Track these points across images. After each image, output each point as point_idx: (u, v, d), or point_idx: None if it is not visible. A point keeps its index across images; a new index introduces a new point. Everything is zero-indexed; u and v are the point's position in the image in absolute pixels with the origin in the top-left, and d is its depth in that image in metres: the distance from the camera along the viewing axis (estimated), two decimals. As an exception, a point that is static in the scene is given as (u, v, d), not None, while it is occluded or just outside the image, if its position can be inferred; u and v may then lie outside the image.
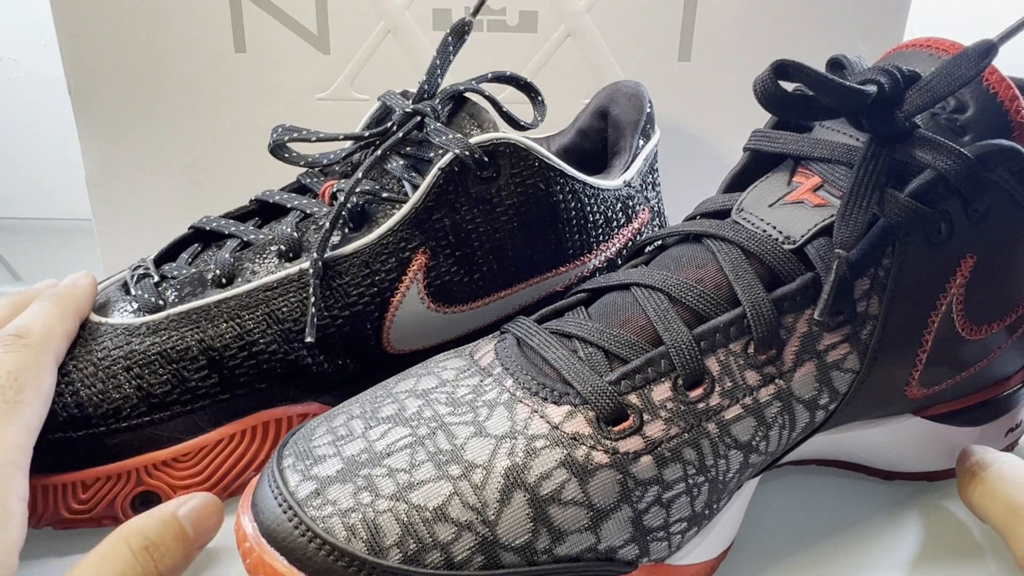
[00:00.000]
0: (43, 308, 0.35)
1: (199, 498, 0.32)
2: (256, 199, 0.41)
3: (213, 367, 0.36)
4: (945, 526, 0.37)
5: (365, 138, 0.39)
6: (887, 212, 0.30)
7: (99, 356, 0.35)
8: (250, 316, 0.36)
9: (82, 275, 0.38)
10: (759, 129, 0.34)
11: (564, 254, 0.40)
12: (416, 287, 0.38)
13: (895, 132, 0.30)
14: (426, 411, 0.30)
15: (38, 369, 0.32)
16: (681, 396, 0.30)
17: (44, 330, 0.34)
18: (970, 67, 0.28)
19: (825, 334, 0.31)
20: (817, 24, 0.50)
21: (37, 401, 0.32)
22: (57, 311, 0.35)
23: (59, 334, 0.34)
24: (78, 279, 0.37)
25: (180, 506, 0.31)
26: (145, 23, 0.50)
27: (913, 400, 0.35)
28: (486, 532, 0.27)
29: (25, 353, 0.32)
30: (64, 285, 0.37)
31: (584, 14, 0.50)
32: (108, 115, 0.52)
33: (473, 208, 0.38)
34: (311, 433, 0.31)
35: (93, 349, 0.35)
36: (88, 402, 0.34)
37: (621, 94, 0.45)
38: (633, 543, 0.29)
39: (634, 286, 0.32)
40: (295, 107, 0.52)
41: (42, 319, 0.34)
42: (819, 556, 0.35)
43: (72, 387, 0.34)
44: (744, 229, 0.32)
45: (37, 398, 0.32)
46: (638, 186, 0.42)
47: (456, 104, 0.40)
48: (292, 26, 0.50)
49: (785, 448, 0.32)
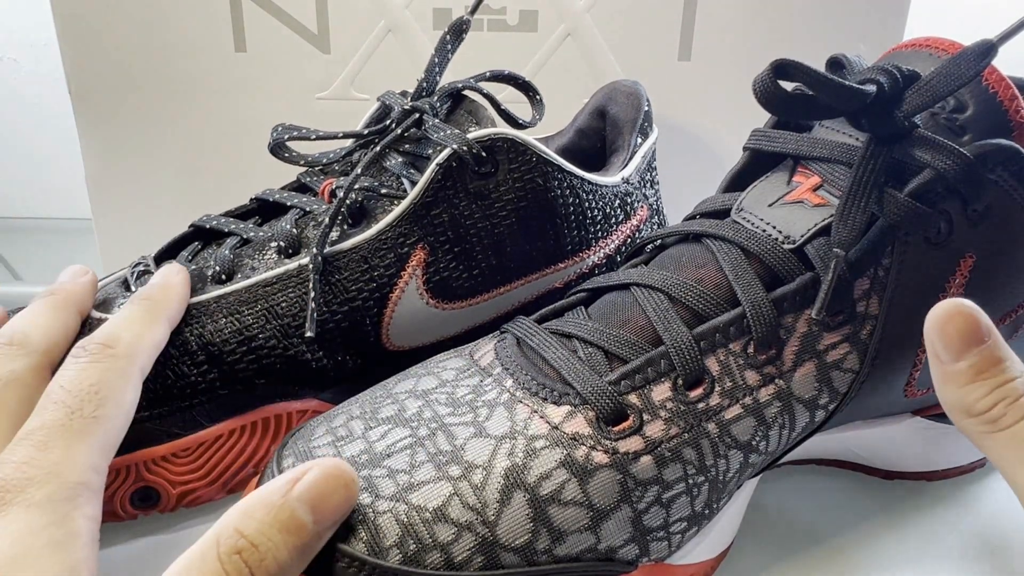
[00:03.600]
0: (134, 314, 0.33)
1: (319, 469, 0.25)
2: (256, 198, 0.41)
3: (212, 362, 0.36)
4: (945, 526, 0.37)
5: (364, 136, 0.39)
6: (886, 212, 0.30)
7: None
8: (249, 311, 0.36)
9: (174, 272, 0.35)
10: (759, 128, 0.34)
11: (563, 250, 0.40)
12: (415, 283, 0.38)
13: (894, 132, 0.30)
14: (426, 412, 0.30)
15: (122, 382, 0.30)
16: (681, 396, 0.30)
17: (133, 339, 0.32)
18: (970, 67, 0.28)
19: (825, 334, 0.31)
20: (817, 24, 0.50)
21: (117, 417, 0.30)
22: (148, 318, 0.33)
23: (148, 344, 0.32)
24: (170, 277, 0.35)
25: (293, 484, 0.25)
26: (145, 23, 0.50)
27: (913, 400, 0.34)
28: (486, 532, 0.27)
29: (110, 364, 0.30)
30: (156, 287, 0.34)
31: (584, 14, 0.50)
32: (108, 115, 0.52)
33: (471, 204, 0.38)
34: (310, 434, 0.31)
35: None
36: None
37: (619, 93, 0.45)
38: (633, 543, 0.29)
39: (634, 286, 0.32)
40: (295, 107, 0.52)
41: (132, 327, 0.32)
42: (819, 556, 0.35)
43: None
44: (744, 229, 0.32)
45: (117, 414, 0.30)
46: (636, 183, 0.42)
47: (455, 102, 0.40)
48: (292, 25, 0.50)
49: (785, 448, 0.32)
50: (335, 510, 0.25)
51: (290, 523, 0.24)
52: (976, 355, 0.26)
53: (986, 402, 0.26)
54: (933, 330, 0.26)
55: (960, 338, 0.26)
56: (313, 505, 0.25)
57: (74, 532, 0.27)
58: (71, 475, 0.27)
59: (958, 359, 0.26)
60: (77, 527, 0.27)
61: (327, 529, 0.25)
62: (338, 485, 0.25)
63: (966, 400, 0.26)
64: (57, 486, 0.27)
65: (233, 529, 0.24)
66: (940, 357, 0.26)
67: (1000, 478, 0.39)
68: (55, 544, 0.26)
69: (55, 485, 0.27)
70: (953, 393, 0.26)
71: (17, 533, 0.26)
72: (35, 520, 0.26)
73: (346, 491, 0.25)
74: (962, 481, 0.39)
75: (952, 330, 0.26)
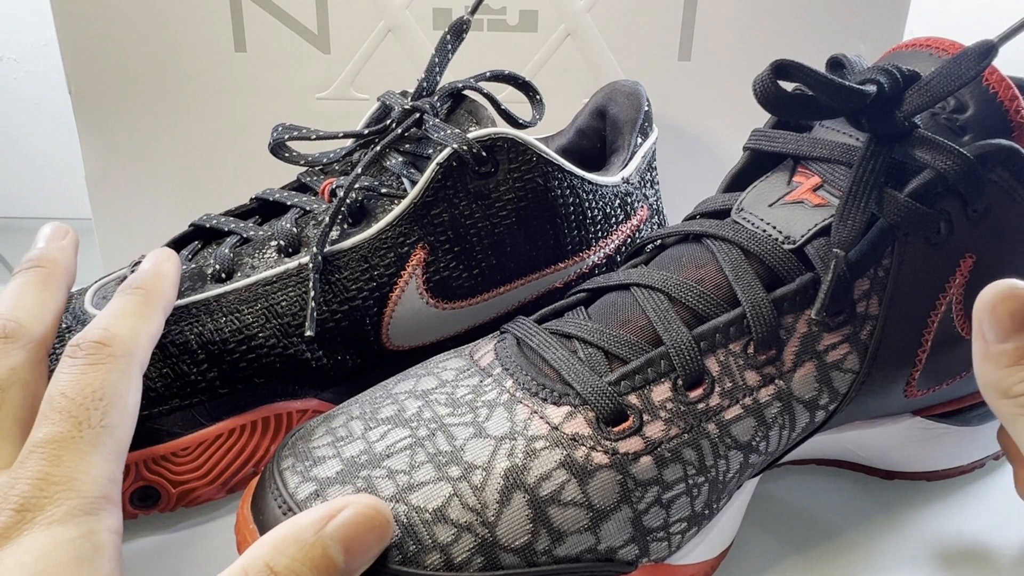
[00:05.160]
0: (127, 307, 0.31)
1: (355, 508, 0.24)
2: (256, 197, 0.41)
3: (212, 361, 0.36)
4: (945, 526, 0.37)
5: (364, 136, 0.39)
6: (886, 212, 0.30)
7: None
8: (249, 310, 0.36)
9: (164, 257, 0.33)
10: (759, 129, 0.34)
11: (563, 250, 0.40)
12: (415, 282, 0.38)
13: (894, 132, 0.30)
14: (426, 412, 0.30)
15: (125, 384, 0.29)
16: (681, 396, 0.30)
17: (129, 334, 0.30)
18: (970, 67, 0.28)
19: (825, 334, 0.31)
20: (817, 24, 0.50)
21: (124, 422, 0.29)
22: (143, 310, 0.31)
23: (146, 338, 0.31)
24: (161, 264, 0.33)
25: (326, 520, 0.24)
26: (145, 23, 0.50)
27: (913, 400, 0.34)
28: (486, 533, 0.27)
29: (110, 366, 0.29)
30: (147, 275, 0.32)
31: (584, 14, 0.50)
32: (108, 115, 0.52)
33: (471, 203, 0.38)
34: (310, 434, 0.31)
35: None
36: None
37: (619, 93, 0.45)
38: (633, 543, 0.29)
39: (634, 286, 0.32)
40: (295, 107, 0.52)
41: (127, 321, 0.30)
42: (819, 556, 0.35)
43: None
44: (744, 229, 0.32)
45: (124, 418, 0.29)
46: (636, 183, 0.42)
47: (455, 102, 0.40)
48: (292, 26, 0.50)
49: (785, 448, 0.32)
50: (368, 550, 0.25)
51: (322, 562, 0.23)
52: (1022, 339, 0.26)
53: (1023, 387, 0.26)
54: (984, 308, 0.27)
55: (1011, 319, 0.26)
56: (347, 545, 0.24)
57: (99, 546, 0.26)
58: (90, 489, 0.27)
59: (1004, 340, 0.26)
60: (101, 541, 0.26)
61: (358, 569, 0.25)
62: (373, 525, 0.24)
63: (1005, 382, 0.26)
64: (78, 501, 0.26)
65: (264, 564, 0.23)
66: (986, 336, 0.27)
67: (1000, 478, 0.39)
68: (81, 559, 0.25)
69: (76, 500, 0.26)
70: (992, 373, 0.27)
71: (42, 550, 0.25)
72: (59, 536, 0.25)
73: (380, 532, 0.25)
74: (962, 481, 0.39)
75: (1004, 310, 0.26)
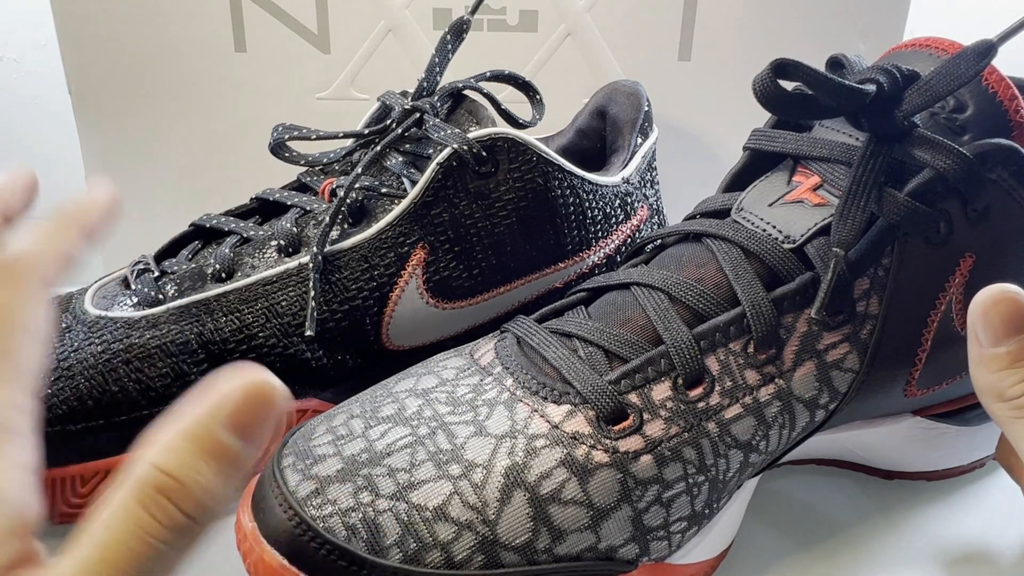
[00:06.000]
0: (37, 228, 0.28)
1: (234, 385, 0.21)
2: (256, 197, 0.41)
3: (212, 361, 0.36)
4: (945, 526, 0.37)
5: (365, 136, 0.39)
6: (886, 211, 0.30)
7: (98, 349, 0.35)
8: (249, 310, 0.36)
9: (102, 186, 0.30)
10: (759, 128, 0.34)
11: (563, 250, 0.40)
12: (415, 282, 0.38)
13: (894, 131, 0.30)
14: (426, 410, 0.30)
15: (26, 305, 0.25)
16: (681, 395, 0.30)
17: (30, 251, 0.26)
18: (969, 67, 0.28)
19: (825, 334, 0.31)
20: (817, 24, 0.50)
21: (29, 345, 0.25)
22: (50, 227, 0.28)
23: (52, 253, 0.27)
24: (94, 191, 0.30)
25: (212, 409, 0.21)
26: (145, 23, 0.50)
27: (913, 400, 0.34)
28: (486, 531, 0.27)
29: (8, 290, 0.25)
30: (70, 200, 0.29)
31: (584, 14, 0.50)
32: (108, 115, 0.52)
33: (471, 203, 0.38)
34: (311, 432, 0.31)
35: (92, 342, 0.35)
36: (87, 395, 0.34)
37: (619, 93, 0.45)
38: (633, 542, 0.29)
39: (634, 285, 0.32)
40: (295, 107, 0.52)
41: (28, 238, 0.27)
42: (819, 556, 0.35)
43: (71, 380, 0.34)
44: (744, 228, 0.32)
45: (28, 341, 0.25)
46: (636, 183, 0.42)
47: (455, 101, 0.40)
48: (292, 26, 0.50)
49: (785, 448, 0.32)
50: (261, 425, 0.22)
51: (215, 450, 0.21)
52: (1016, 343, 0.26)
53: (1019, 388, 0.26)
54: (977, 312, 0.26)
55: (1003, 323, 0.26)
56: (236, 425, 0.21)
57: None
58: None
59: (998, 344, 0.26)
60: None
61: (257, 449, 0.22)
62: (261, 400, 0.22)
63: (1000, 385, 0.26)
64: None
65: (151, 465, 0.21)
66: (980, 340, 0.27)
67: (1000, 478, 0.39)
68: None
69: None
70: (987, 377, 0.27)
71: None
72: None
73: (269, 405, 0.22)
74: (962, 481, 0.39)
75: (996, 314, 0.26)
